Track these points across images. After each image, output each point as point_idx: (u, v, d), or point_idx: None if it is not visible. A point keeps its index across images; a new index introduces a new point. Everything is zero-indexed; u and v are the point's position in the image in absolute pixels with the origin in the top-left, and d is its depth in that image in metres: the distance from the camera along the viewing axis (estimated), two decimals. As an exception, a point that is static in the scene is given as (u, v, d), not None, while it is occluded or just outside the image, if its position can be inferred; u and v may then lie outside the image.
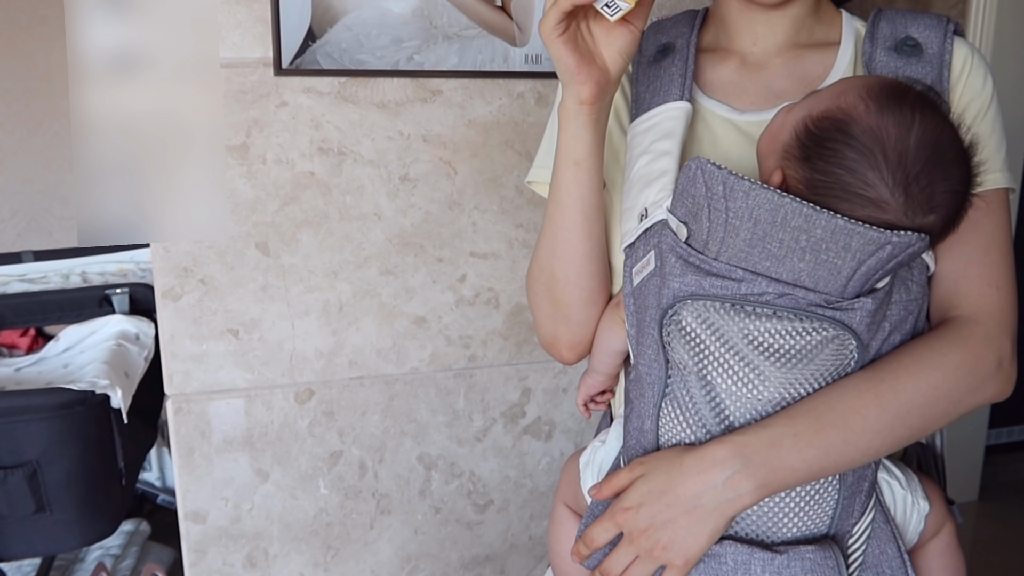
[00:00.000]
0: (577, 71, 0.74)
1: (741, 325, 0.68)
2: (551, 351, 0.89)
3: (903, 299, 0.72)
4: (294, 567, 1.44)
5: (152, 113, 0.99)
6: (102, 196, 0.96)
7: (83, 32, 0.94)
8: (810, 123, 0.69)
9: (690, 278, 0.70)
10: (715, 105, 0.83)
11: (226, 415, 1.36)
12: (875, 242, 0.64)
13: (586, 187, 0.79)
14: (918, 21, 0.80)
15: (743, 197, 0.66)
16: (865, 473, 0.74)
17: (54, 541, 1.55)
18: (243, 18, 1.25)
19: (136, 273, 2.09)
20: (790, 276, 0.67)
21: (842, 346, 0.69)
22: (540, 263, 0.85)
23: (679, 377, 0.72)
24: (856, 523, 0.74)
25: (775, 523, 0.71)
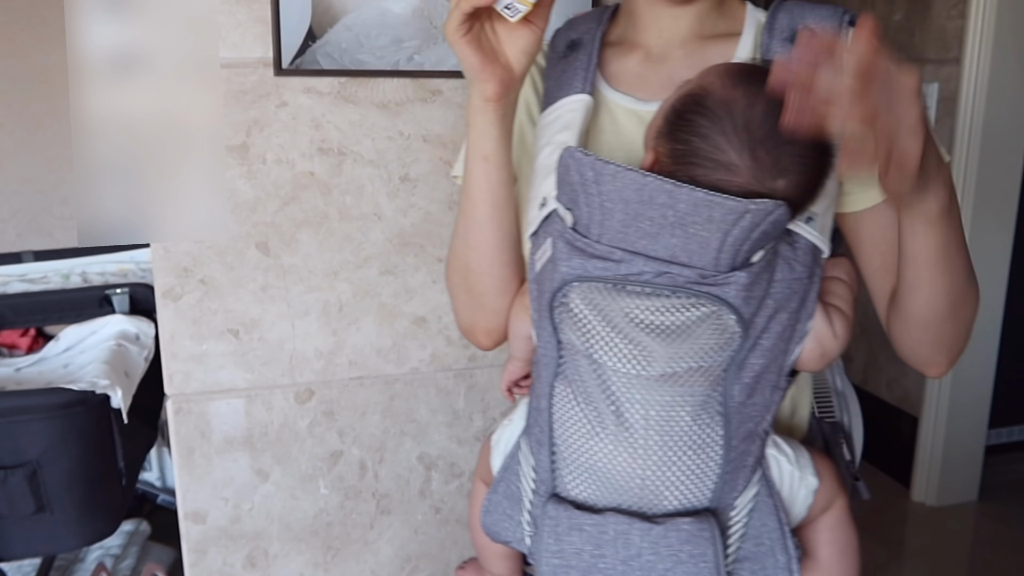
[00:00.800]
0: (481, 70, 0.77)
1: (623, 304, 0.71)
2: (469, 338, 0.93)
3: (787, 278, 0.74)
4: (294, 567, 1.44)
5: (152, 113, 0.99)
6: (102, 196, 0.96)
7: (83, 32, 0.94)
8: (676, 102, 0.74)
9: (576, 261, 0.73)
10: (619, 96, 0.86)
11: (226, 415, 1.36)
12: (735, 211, 0.67)
13: (495, 180, 0.82)
14: (816, 12, 0.82)
15: (611, 180, 0.69)
16: (749, 448, 0.76)
17: (54, 541, 1.56)
18: (243, 18, 1.25)
19: (136, 273, 2.09)
20: (666, 253, 0.70)
21: (720, 321, 0.71)
22: (455, 253, 0.88)
23: (570, 358, 0.76)
24: (739, 496, 0.77)
25: (656, 495, 0.75)
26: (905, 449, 2.70)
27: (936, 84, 2.51)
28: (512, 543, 0.84)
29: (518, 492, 0.83)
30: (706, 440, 0.74)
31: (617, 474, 0.75)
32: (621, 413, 0.74)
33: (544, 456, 0.78)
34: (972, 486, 2.67)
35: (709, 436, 0.74)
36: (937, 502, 2.63)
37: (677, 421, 0.73)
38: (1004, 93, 2.40)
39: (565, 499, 0.77)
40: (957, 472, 2.63)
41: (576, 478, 0.77)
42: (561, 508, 0.76)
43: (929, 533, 2.55)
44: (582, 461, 0.76)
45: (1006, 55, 2.37)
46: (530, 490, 0.81)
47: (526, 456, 0.83)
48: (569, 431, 0.76)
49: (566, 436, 0.77)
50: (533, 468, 0.81)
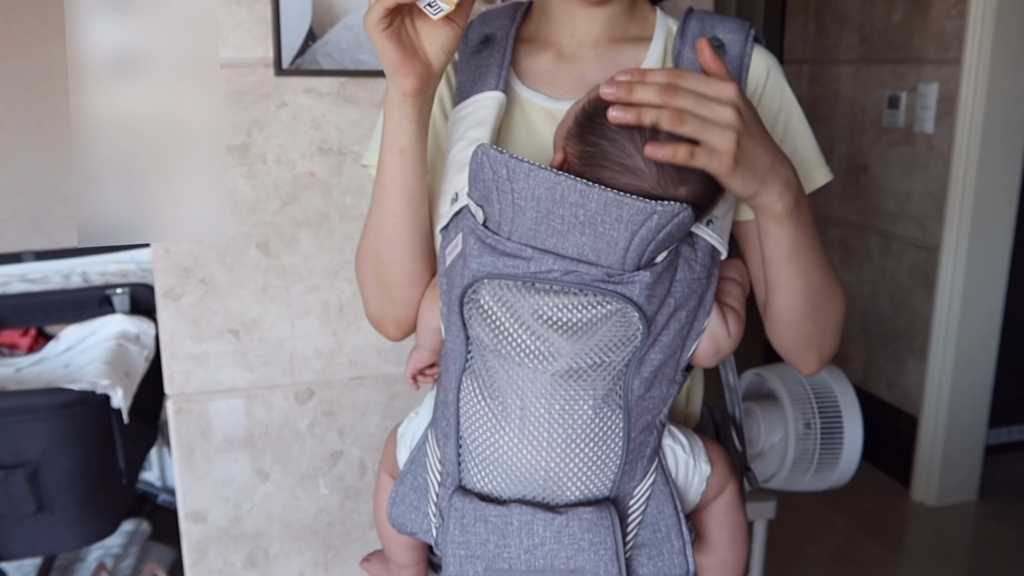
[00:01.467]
0: (400, 64, 0.78)
1: (531, 301, 0.73)
2: (379, 328, 0.93)
3: (687, 278, 0.77)
4: (294, 567, 1.44)
5: (152, 113, 0.98)
6: (102, 196, 0.96)
7: (83, 32, 0.94)
8: (587, 105, 0.75)
9: (486, 258, 0.74)
10: (531, 94, 0.88)
11: (226, 415, 1.36)
12: (643, 212, 0.69)
13: (410, 174, 0.83)
14: (724, 23, 0.87)
15: (524, 178, 0.70)
16: (647, 439, 0.80)
17: (55, 541, 1.56)
18: (243, 18, 1.25)
19: (136, 273, 2.09)
20: (575, 251, 0.71)
21: (625, 318, 0.73)
22: (367, 245, 0.89)
23: (478, 353, 0.77)
24: (637, 486, 0.80)
25: (559, 487, 0.77)
26: (905, 449, 2.70)
27: (936, 84, 2.51)
28: (418, 534, 0.86)
29: (425, 484, 0.85)
30: (607, 432, 0.77)
31: (521, 467, 0.77)
32: (526, 407, 0.75)
33: (450, 449, 0.80)
34: (972, 486, 2.67)
35: (610, 429, 0.77)
36: (937, 502, 2.63)
37: (580, 415, 0.76)
38: (1004, 93, 2.40)
39: (471, 491, 0.79)
40: (957, 472, 2.63)
41: (482, 471, 0.78)
42: (467, 500, 0.78)
43: (929, 533, 2.55)
44: (487, 454, 0.78)
45: (1006, 55, 2.37)
46: (436, 482, 0.83)
47: (432, 449, 0.84)
48: (475, 425, 0.78)
49: (472, 430, 0.78)
50: (439, 460, 0.82)
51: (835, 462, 1.65)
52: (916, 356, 2.65)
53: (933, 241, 2.57)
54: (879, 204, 2.79)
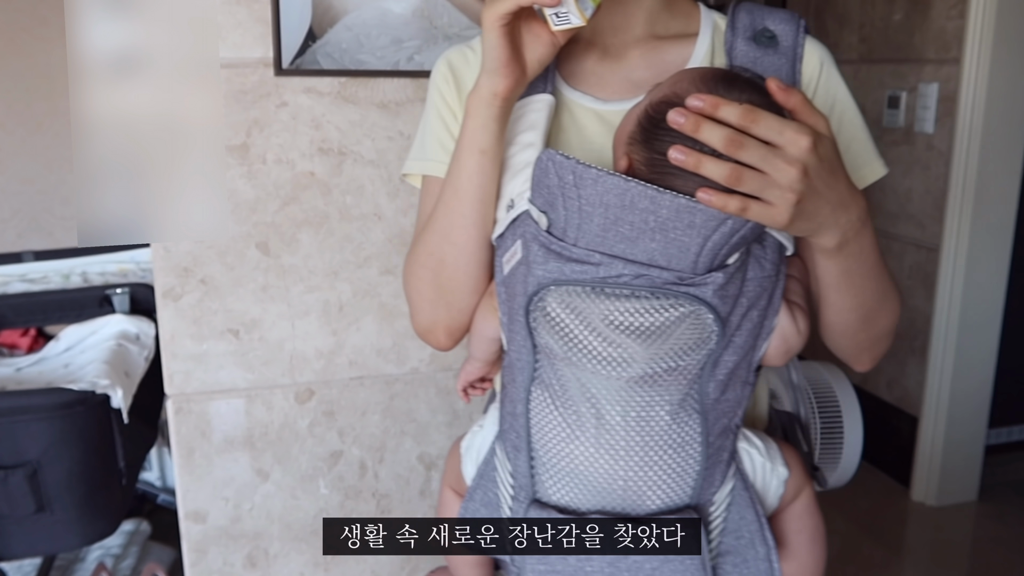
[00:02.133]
0: (505, 64, 0.76)
1: (602, 307, 0.71)
2: (427, 336, 0.91)
3: (758, 276, 0.75)
4: (294, 567, 1.44)
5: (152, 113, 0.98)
6: (102, 196, 0.96)
7: (83, 32, 0.94)
8: (650, 109, 0.73)
9: (552, 265, 0.72)
10: (579, 96, 0.86)
11: (226, 415, 1.36)
12: (716, 218, 0.68)
13: (488, 175, 0.81)
14: (774, 15, 0.84)
15: (592, 184, 0.69)
16: (723, 444, 0.78)
17: (54, 541, 1.55)
18: (243, 18, 1.25)
19: (136, 273, 2.09)
20: (644, 257, 0.70)
21: (699, 320, 0.72)
22: (429, 248, 0.86)
23: (547, 362, 0.75)
24: (716, 492, 0.78)
25: (639, 496, 0.75)
26: (905, 449, 2.70)
27: (936, 84, 2.51)
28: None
29: (496, 499, 0.82)
30: (685, 438, 0.75)
31: (599, 476, 0.75)
32: (601, 415, 0.74)
33: (522, 461, 0.78)
34: (972, 486, 2.67)
35: (688, 434, 0.75)
36: (937, 502, 2.63)
37: (657, 421, 0.74)
38: (1004, 93, 2.40)
39: (547, 504, 0.77)
40: (957, 472, 2.63)
41: (557, 482, 0.76)
42: (544, 513, 0.76)
43: (929, 533, 2.55)
44: (562, 465, 0.76)
45: (1006, 55, 2.37)
46: (509, 496, 0.81)
47: (502, 462, 0.82)
48: (548, 436, 0.76)
49: (545, 441, 0.76)
50: (511, 474, 0.80)
51: (835, 462, 1.65)
52: (916, 356, 2.65)
53: (933, 241, 2.57)
54: (879, 204, 2.79)
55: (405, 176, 0.95)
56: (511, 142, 0.82)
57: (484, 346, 0.88)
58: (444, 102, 0.89)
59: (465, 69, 0.90)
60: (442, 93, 0.90)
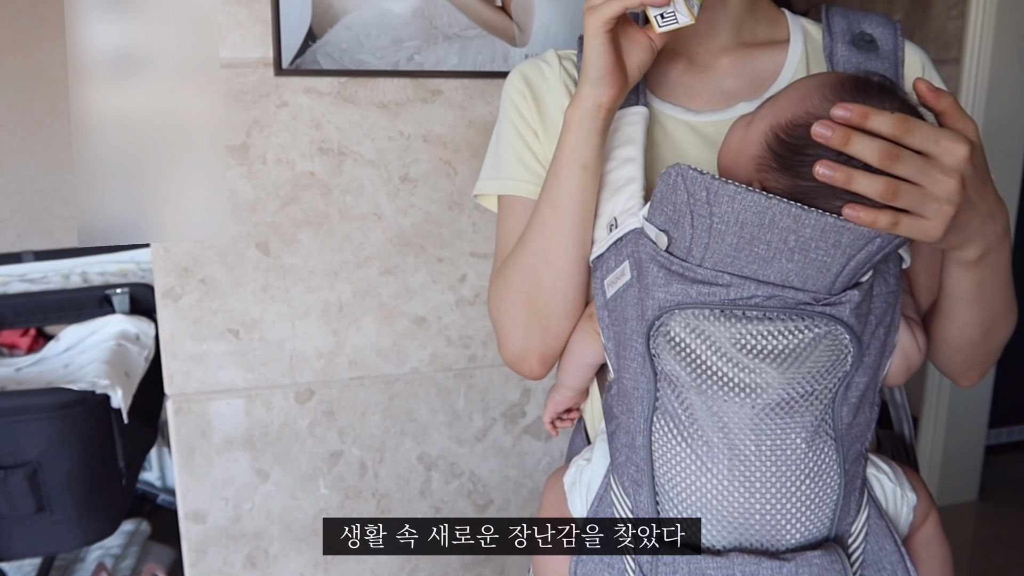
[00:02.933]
0: (610, 72, 0.73)
1: (732, 331, 0.68)
2: (519, 365, 0.86)
3: (883, 292, 0.72)
4: (294, 567, 1.44)
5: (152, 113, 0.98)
6: (102, 196, 0.96)
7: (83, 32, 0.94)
8: (782, 133, 0.68)
9: (675, 287, 0.69)
10: (669, 108, 0.83)
11: (226, 415, 1.36)
12: (865, 237, 0.64)
13: (589, 192, 0.77)
14: (869, 19, 0.82)
15: (728, 201, 0.65)
16: (857, 471, 0.74)
17: (54, 541, 1.55)
18: (243, 18, 1.25)
19: (136, 273, 2.09)
20: (778, 278, 0.67)
21: (836, 340, 0.69)
22: (524, 270, 0.81)
23: (670, 390, 0.71)
24: (853, 522, 0.75)
25: (779, 530, 0.71)
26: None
27: (936, 84, 2.51)
28: None
29: None
30: (822, 466, 0.71)
31: (733, 511, 0.71)
32: (735, 446, 0.70)
33: (645, 497, 0.74)
34: (972, 486, 2.67)
35: (824, 462, 0.71)
36: (937, 502, 2.63)
37: (793, 449, 0.70)
38: (1004, 93, 2.40)
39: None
40: (957, 472, 2.63)
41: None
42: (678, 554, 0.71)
43: (929, 533, 2.55)
44: (692, 500, 0.72)
45: (1006, 55, 2.37)
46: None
47: (620, 498, 0.77)
48: (674, 469, 0.72)
49: (671, 475, 0.72)
50: (631, 511, 0.76)
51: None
52: (916, 356, 2.65)
53: (933, 241, 2.57)
54: (879, 204, 2.79)
55: (477, 197, 0.91)
56: (607, 157, 0.79)
57: (580, 373, 0.84)
58: (522, 118, 0.86)
59: (542, 83, 0.87)
60: (519, 109, 0.86)
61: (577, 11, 1.34)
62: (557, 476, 0.88)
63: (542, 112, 0.86)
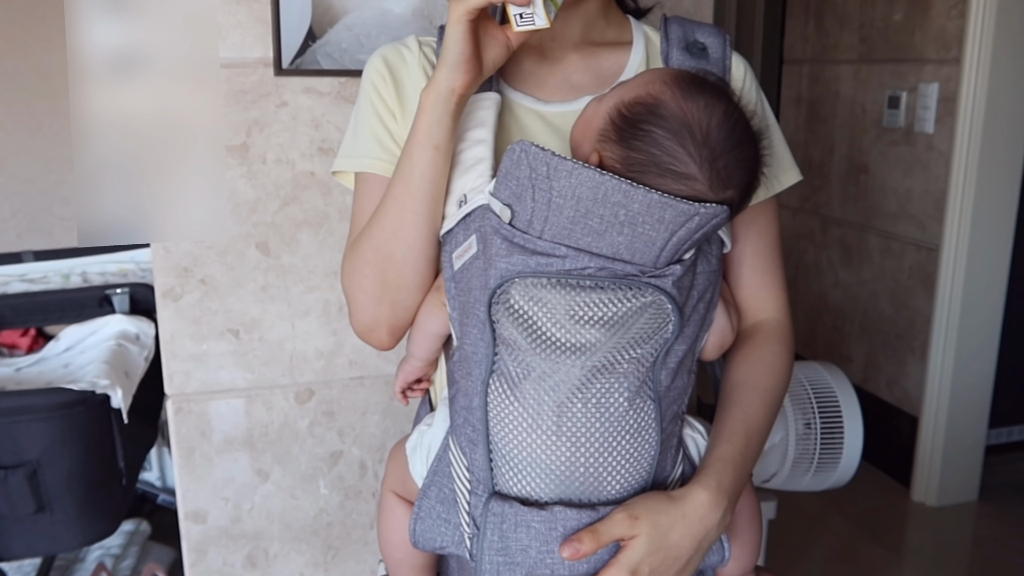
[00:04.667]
0: (467, 60, 0.78)
1: (567, 299, 0.73)
2: (368, 336, 0.89)
3: (706, 270, 0.79)
4: (294, 567, 1.44)
5: (152, 113, 0.99)
6: (102, 196, 0.96)
7: (83, 32, 0.94)
8: (623, 108, 0.76)
9: (516, 258, 0.73)
10: (520, 96, 0.88)
11: (226, 415, 1.36)
12: (685, 214, 0.71)
13: (440, 171, 0.82)
14: (703, 29, 0.91)
15: (566, 176, 0.71)
16: (674, 430, 0.81)
17: (54, 541, 1.55)
18: (243, 18, 1.25)
19: (136, 273, 2.09)
20: (609, 250, 0.72)
21: (659, 309, 0.75)
22: (374, 244, 0.85)
23: (507, 353, 0.76)
24: (669, 476, 0.82)
25: (599, 482, 0.77)
26: (905, 449, 2.70)
27: (936, 84, 2.51)
28: (448, 548, 0.83)
29: (452, 495, 0.82)
30: (642, 424, 0.77)
31: (559, 465, 0.76)
32: (562, 404, 0.75)
33: (480, 455, 0.78)
34: (972, 486, 2.67)
35: (644, 420, 0.77)
36: (937, 502, 2.63)
37: (616, 407, 0.76)
38: (1004, 93, 2.40)
39: (507, 496, 0.78)
40: (957, 472, 2.63)
41: (517, 474, 0.77)
42: (506, 505, 0.76)
43: (929, 533, 2.55)
44: (523, 456, 0.77)
45: (1006, 55, 2.37)
46: (466, 490, 0.81)
47: (457, 457, 0.82)
48: (507, 428, 0.77)
49: (504, 433, 0.77)
50: (467, 468, 0.80)
51: (835, 462, 1.65)
52: (916, 356, 2.65)
53: (933, 241, 2.57)
54: (879, 204, 2.79)
55: (335, 174, 0.94)
56: (460, 138, 0.84)
57: (427, 344, 0.88)
58: (381, 99, 0.90)
59: (402, 67, 0.91)
60: (378, 90, 0.90)
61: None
62: (400, 444, 0.93)
63: (401, 94, 0.90)
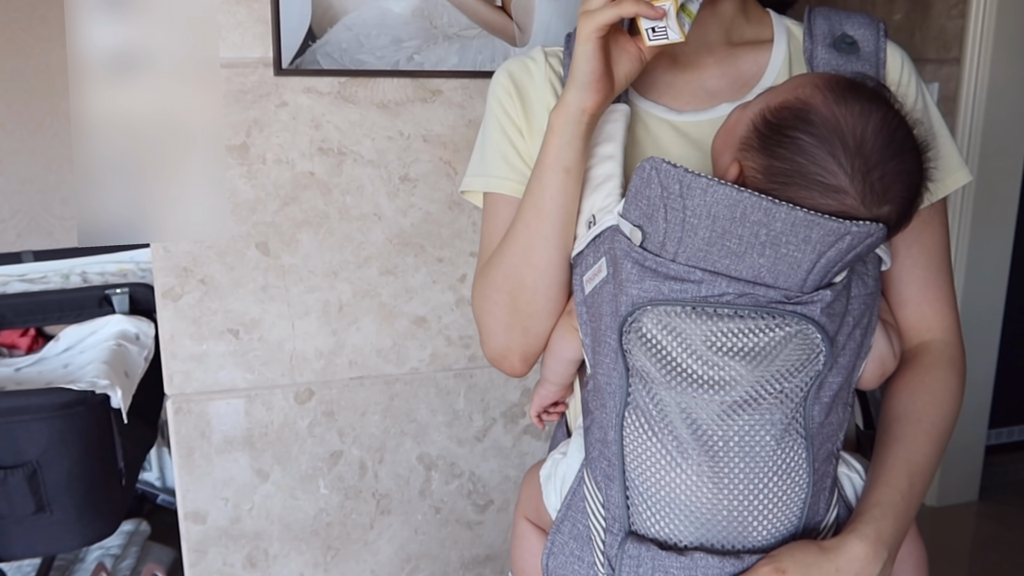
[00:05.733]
0: (599, 78, 0.74)
1: (704, 328, 0.68)
2: (500, 363, 0.87)
3: (862, 293, 0.72)
4: (294, 567, 1.44)
5: (152, 113, 0.99)
6: (102, 196, 0.96)
7: (83, 32, 0.94)
8: (768, 114, 0.69)
9: (648, 283, 0.69)
10: (651, 106, 0.83)
11: (226, 415, 1.36)
12: (835, 232, 0.65)
13: (571, 194, 0.78)
14: (851, 19, 0.82)
15: (701, 194, 0.66)
16: (827, 470, 0.74)
17: (54, 541, 1.55)
18: (243, 18, 1.25)
19: (136, 273, 2.08)
20: (750, 273, 0.67)
21: (807, 340, 0.68)
22: (506, 271, 0.82)
23: (641, 385, 0.72)
24: (822, 521, 0.75)
25: (746, 527, 0.71)
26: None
27: (936, 84, 2.51)
28: None
29: (586, 531, 0.78)
30: (791, 464, 0.71)
31: (701, 507, 0.71)
32: (704, 442, 0.70)
33: (616, 491, 0.74)
34: (972, 486, 2.66)
35: (794, 460, 0.71)
36: (937, 502, 2.63)
37: (763, 446, 0.70)
38: (1004, 93, 2.39)
39: (644, 537, 0.73)
40: (957, 472, 2.63)
41: (655, 514, 0.72)
42: (643, 547, 0.72)
43: (929, 533, 2.55)
44: (661, 496, 0.72)
45: (1006, 55, 2.37)
46: (601, 528, 0.76)
47: (592, 492, 0.77)
48: (644, 464, 0.72)
49: (641, 470, 0.72)
50: (602, 504, 0.76)
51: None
52: (916, 356, 2.65)
53: (933, 241, 2.57)
54: (879, 204, 2.79)
55: (464, 193, 0.92)
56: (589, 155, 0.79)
57: (561, 369, 0.84)
58: (507, 116, 0.86)
59: (528, 81, 0.87)
60: (504, 107, 0.87)
61: (576, 11, 1.34)
62: (535, 469, 0.89)
63: (527, 110, 0.87)
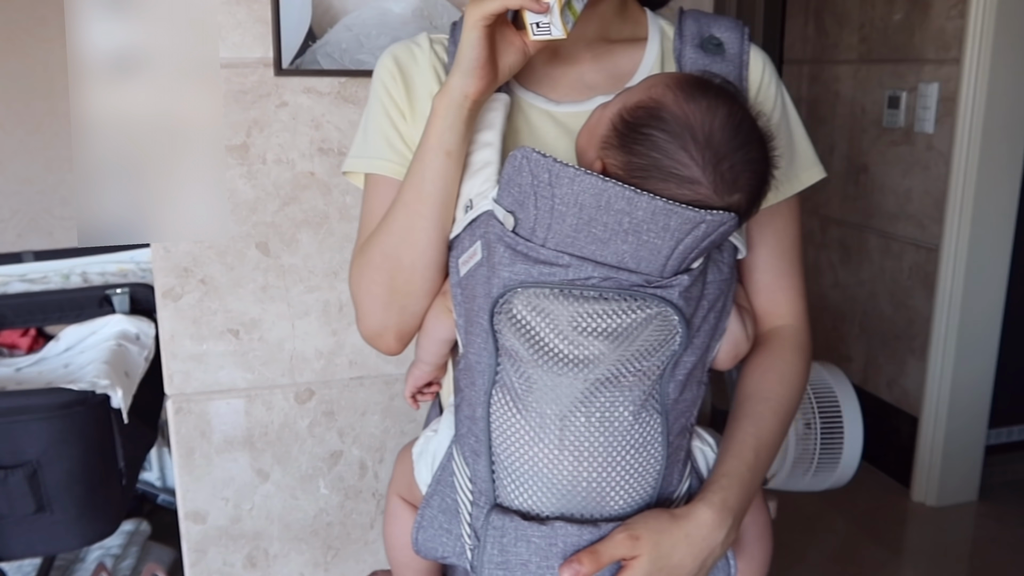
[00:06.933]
0: (482, 65, 0.76)
1: (570, 310, 0.71)
2: (375, 341, 0.88)
3: (717, 279, 0.77)
4: (294, 567, 1.44)
5: (152, 113, 0.99)
6: (102, 196, 0.96)
7: (83, 32, 0.94)
8: (625, 113, 0.74)
9: (519, 267, 0.72)
10: (531, 96, 0.86)
11: (226, 415, 1.36)
12: (691, 221, 0.69)
13: (451, 178, 0.80)
14: (719, 23, 0.87)
15: (568, 183, 0.69)
16: (681, 443, 0.79)
17: (54, 541, 1.55)
18: (243, 18, 1.25)
19: (136, 273, 2.09)
20: (614, 259, 0.71)
21: (665, 321, 0.73)
22: (384, 249, 0.83)
23: (510, 364, 0.75)
24: (675, 491, 0.79)
25: (602, 498, 0.75)
26: (905, 449, 2.70)
27: (936, 84, 2.51)
28: (449, 558, 0.82)
29: (454, 505, 0.81)
30: (647, 438, 0.75)
31: (561, 479, 0.74)
32: (565, 417, 0.73)
33: (482, 466, 0.77)
34: (972, 486, 2.67)
35: (650, 434, 0.75)
36: (937, 502, 2.63)
37: (620, 421, 0.74)
38: (1004, 93, 2.39)
39: (508, 509, 0.76)
40: (957, 472, 2.63)
41: (519, 487, 0.76)
42: (507, 518, 0.75)
43: (929, 533, 2.55)
44: (525, 469, 0.75)
45: (1006, 55, 2.37)
46: (468, 501, 0.80)
47: (461, 467, 0.81)
48: (509, 439, 0.75)
49: (506, 445, 0.76)
50: (469, 479, 0.79)
51: (835, 462, 1.65)
52: (916, 356, 2.65)
53: (933, 241, 2.57)
54: (879, 204, 2.79)
55: (346, 174, 0.94)
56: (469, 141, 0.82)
57: (435, 348, 0.87)
58: (391, 99, 0.88)
59: (412, 66, 0.89)
60: (388, 90, 0.88)
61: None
62: (408, 446, 0.92)
63: (411, 94, 0.89)
